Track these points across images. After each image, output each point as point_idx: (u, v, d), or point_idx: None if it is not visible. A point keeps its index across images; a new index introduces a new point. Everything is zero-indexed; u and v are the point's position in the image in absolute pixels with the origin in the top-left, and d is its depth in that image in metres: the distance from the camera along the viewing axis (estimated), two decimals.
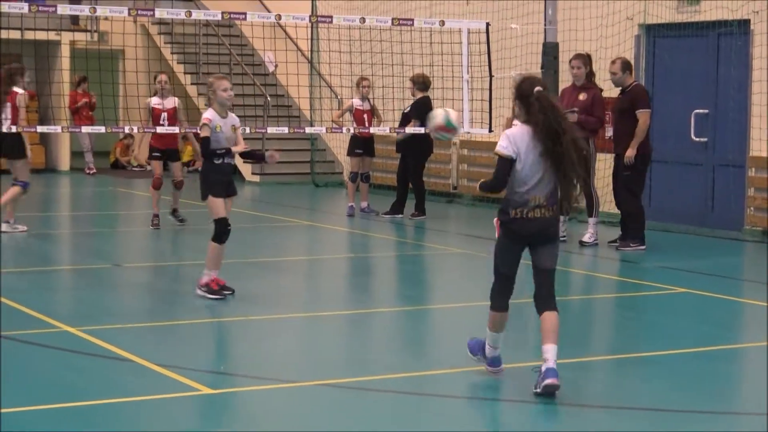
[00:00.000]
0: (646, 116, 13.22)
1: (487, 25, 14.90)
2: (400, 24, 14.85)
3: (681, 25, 15.49)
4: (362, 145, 16.74)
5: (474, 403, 7.27)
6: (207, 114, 10.07)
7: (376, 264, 13.36)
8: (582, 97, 13.65)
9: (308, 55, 21.68)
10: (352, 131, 16.33)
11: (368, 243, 14.85)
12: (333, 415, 6.87)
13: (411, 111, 16.29)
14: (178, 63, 23.78)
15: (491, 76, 14.82)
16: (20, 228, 14.03)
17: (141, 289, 11.10)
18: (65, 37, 23.16)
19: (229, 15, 14.08)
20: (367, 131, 16.18)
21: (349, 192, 17.05)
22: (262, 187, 20.85)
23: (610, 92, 14.47)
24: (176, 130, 14.61)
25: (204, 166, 10.19)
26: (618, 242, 13.52)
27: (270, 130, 16.37)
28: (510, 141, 7.21)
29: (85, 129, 18.06)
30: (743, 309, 10.54)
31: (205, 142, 10.00)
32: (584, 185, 7.41)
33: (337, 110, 18.33)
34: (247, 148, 10.37)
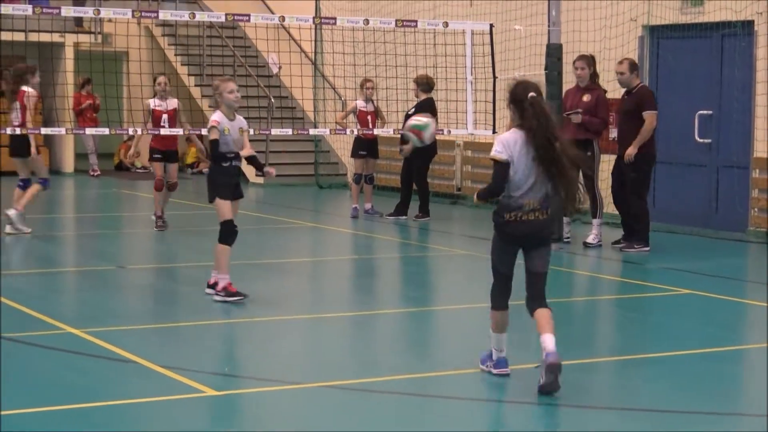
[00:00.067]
0: (652, 118, 13.21)
1: (491, 26, 14.89)
2: (404, 25, 14.84)
3: (685, 26, 15.48)
4: (366, 147, 16.74)
5: (478, 404, 7.27)
6: (215, 116, 10.03)
7: (380, 265, 13.36)
8: (586, 99, 13.64)
9: (312, 56, 21.68)
10: (355, 133, 16.33)
11: (372, 244, 14.85)
12: (337, 416, 6.88)
13: (415, 113, 16.26)
14: (182, 65, 23.80)
15: (495, 78, 14.81)
16: (24, 230, 14.05)
17: (145, 291, 11.11)
18: (69, 39, 23.16)
19: (232, 17, 14.09)
20: (371, 133, 16.17)
21: (353, 193, 17.05)
22: (266, 188, 20.85)
23: (614, 93, 14.46)
24: (180, 132, 14.62)
25: (211, 169, 10.17)
26: (622, 242, 13.51)
27: (274, 131, 16.39)
28: (504, 145, 7.33)
29: (89, 131, 18.03)
30: (747, 310, 10.53)
31: (213, 144, 9.97)
32: (577, 189, 7.49)
33: (341, 112, 18.33)
34: (252, 153, 10.37)
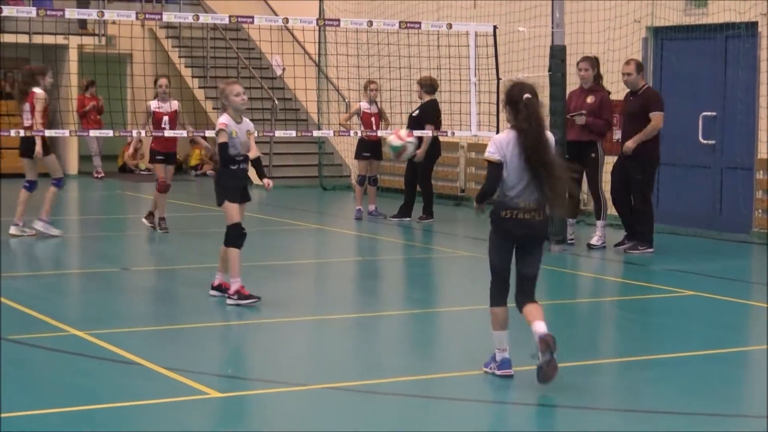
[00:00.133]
0: (659, 118, 13.19)
1: (495, 28, 14.88)
2: (408, 27, 14.85)
3: (688, 27, 15.47)
4: (370, 148, 16.75)
5: (482, 406, 7.27)
6: (222, 119, 10.01)
7: (384, 267, 13.36)
8: (590, 100, 13.64)
9: (316, 58, 21.70)
10: (359, 134, 16.33)
11: (376, 246, 14.85)
12: (341, 418, 6.88)
13: (420, 115, 16.29)
14: (186, 67, 23.81)
15: (498, 79, 14.81)
16: (29, 232, 14.07)
17: (149, 293, 11.12)
18: (73, 41, 23.16)
19: (236, 18, 14.10)
20: (375, 134, 16.17)
21: (356, 195, 17.06)
22: (270, 190, 20.81)
23: (618, 95, 14.46)
24: (181, 134, 14.63)
25: (220, 172, 10.16)
26: (625, 243, 13.50)
27: (278, 133, 16.38)
28: (497, 146, 7.42)
29: (93, 133, 18.02)
30: (751, 312, 10.52)
31: (222, 147, 9.96)
32: (565, 192, 7.59)
33: (345, 113, 18.33)
34: (258, 155, 10.40)
